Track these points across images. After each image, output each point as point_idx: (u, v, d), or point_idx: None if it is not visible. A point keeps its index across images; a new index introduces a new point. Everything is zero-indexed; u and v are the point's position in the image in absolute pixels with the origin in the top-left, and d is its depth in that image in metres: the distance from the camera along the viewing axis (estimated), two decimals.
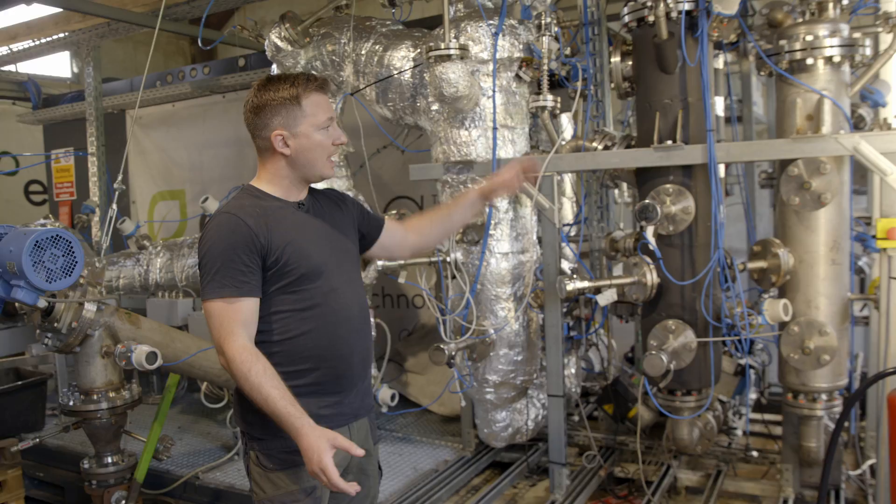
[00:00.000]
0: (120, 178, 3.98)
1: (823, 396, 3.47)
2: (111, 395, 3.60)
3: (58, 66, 12.19)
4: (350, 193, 4.56)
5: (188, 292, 4.58)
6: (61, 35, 6.14)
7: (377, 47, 4.23)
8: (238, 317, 2.08)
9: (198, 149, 6.72)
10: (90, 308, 3.47)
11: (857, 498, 3.82)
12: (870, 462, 3.86)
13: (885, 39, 3.66)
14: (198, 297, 4.55)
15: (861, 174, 3.97)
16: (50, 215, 5.39)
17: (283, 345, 2.19)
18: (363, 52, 4.23)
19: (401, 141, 4.71)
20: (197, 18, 5.45)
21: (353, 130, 4.42)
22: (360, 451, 2.03)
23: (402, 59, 4.18)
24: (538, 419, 4.47)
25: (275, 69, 4.48)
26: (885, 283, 3.12)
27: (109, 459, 3.69)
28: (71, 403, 3.59)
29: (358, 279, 2.41)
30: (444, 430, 4.95)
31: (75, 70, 12.42)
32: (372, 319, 3.72)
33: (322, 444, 1.95)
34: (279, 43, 4.28)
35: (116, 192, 3.97)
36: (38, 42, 6.24)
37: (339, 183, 4.55)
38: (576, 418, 4.67)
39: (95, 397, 3.57)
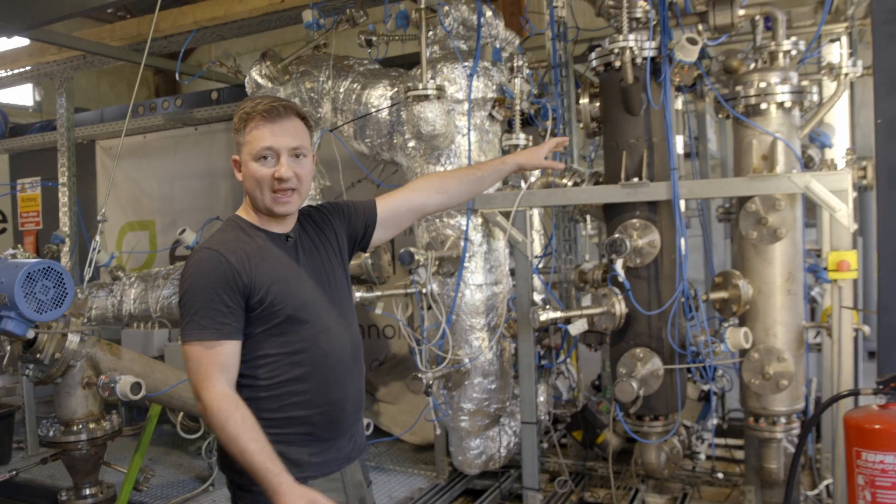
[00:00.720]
0: (104, 210, 4.04)
1: (782, 420, 3.67)
2: (91, 426, 3.63)
3: (20, 94, 12.13)
4: None
5: (163, 323, 4.63)
6: (32, 66, 6.17)
7: (355, 85, 4.38)
8: (217, 360, 1.98)
9: (169, 180, 6.78)
10: (73, 339, 3.51)
11: None
12: (826, 482, 4.07)
13: (830, 86, 3.96)
14: (174, 328, 4.60)
15: (810, 208, 4.23)
16: (20, 245, 5.38)
17: (271, 390, 2.07)
18: (341, 89, 4.39)
19: (376, 175, 4.85)
20: (172, 53, 5.55)
21: (332, 164, 4.55)
22: None
23: (379, 97, 4.34)
24: (510, 446, 4.59)
25: None
26: (836, 312, 3.33)
27: (88, 491, 3.72)
28: (51, 434, 3.60)
29: (351, 314, 2.29)
30: (417, 459, 5.04)
31: (38, 99, 12.37)
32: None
33: (305, 491, 1.88)
34: (259, 80, 4.41)
35: (101, 224, 4.02)
36: (10, 73, 6.26)
37: None
38: (545, 445, 4.80)
39: (75, 428, 3.60)
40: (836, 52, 4.08)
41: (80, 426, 3.60)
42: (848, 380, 3.32)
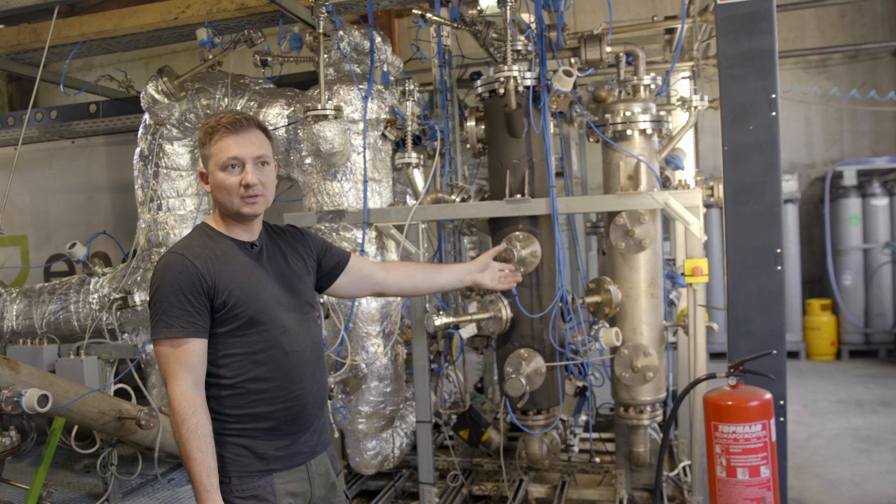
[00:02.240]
0: None
1: (648, 408, 4.15)
2: None
3: None
4: None
5: (52, 339, 4.54)
6: None
7: (252, 104, 4.53)
8: (184, 358, 2.11)
9: (43, 194, 6.54)
10: None
11: (675, 494, 4.53)
12: (683, 464, 4.62)
13: (680, 116, 4.54)
14: (63, 343, 4.53)
15: (665, 223, 4.79)
16: None
17: (236, 388, 2.21)
18: (239, 107, 4.51)
19: None
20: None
21: None
22: None
23: (276, 115, 4.51)
24: (402, 447, 4.85)
25: (147, 119, 4.64)
26: (692, 311, 3.84)
27: None
28: None
29: (312, 318, 2.43)
30: None
31: None
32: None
33: None
34: (155, 95, 4.46)
35: None
36: None
37: None
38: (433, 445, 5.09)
39: None
40: (684, 87, 4.70)
41: None
42: (702, 367, 3.82)
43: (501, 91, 4.06)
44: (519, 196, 4.07)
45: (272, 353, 2.24)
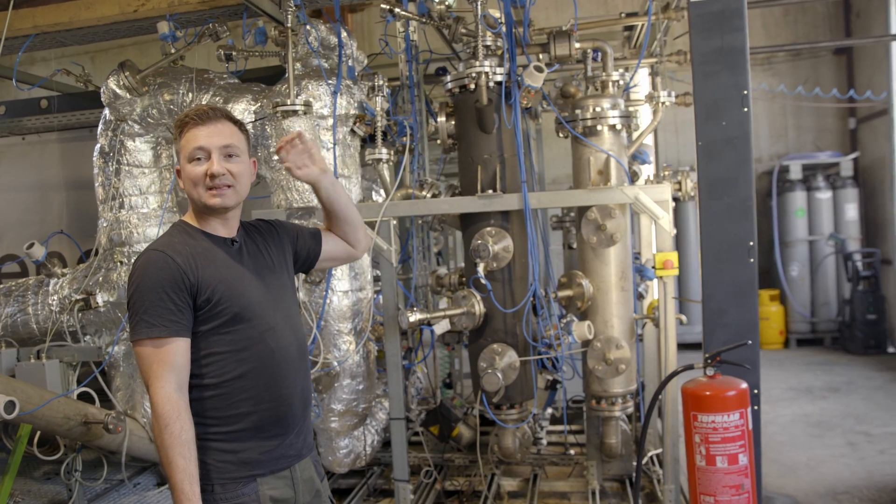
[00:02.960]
0: None
1: (620, 400, 4.22)
2: None
3: None
4: None
5: (10, 342, 4.38)
6: None
7: (217, 99, 4.43)
8: (167, 359, 2.03)
9: None
10: None
11: (644, 484, 4.62)
12: (651, 453, 4.72)
13: (644, 112, 4.61)
14: (21, 347, 4.37)
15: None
16: None
17: (219, 388, 2.13)
18: (203, 102, 4.41)
19: None
20: None
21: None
22: None
23: (242, 111, 4.42)
24: (374, 444, 4.83)
25: (107, 114, 4.50)
26: (663, 303, 3.91)
27: None
28: None
29: (296, 315, 2.38)
30: None
31: None
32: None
33: None
34: (117, 90, 4.33)
35: None
36: None
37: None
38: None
39: None
40: (644, 83, 4.78)
41: None
42: (673, 358, 3.90)
43: (472, 86, 4.08)
44: (491, 191, 4.09)
45: (257, 351, 2.17)
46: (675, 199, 4.38)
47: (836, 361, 8.98)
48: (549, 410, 5.53)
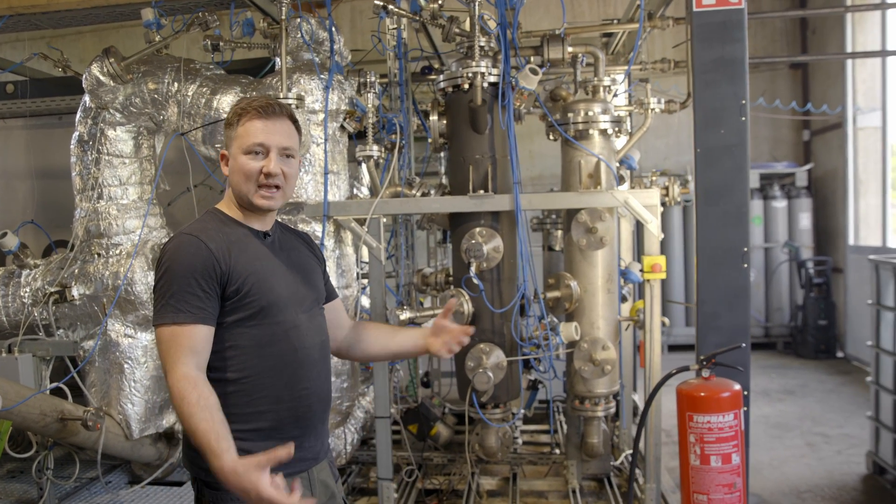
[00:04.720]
0: None
1: (603, 401, 4.28)
2: None
3: None
4: (163, 231, 4.55)
5: None
6: None
7: (204, 90, 4.34)
8: (188, 343, 1.98)
9: None
10: None
11: (621, 483, 4.70)
12: (626, 453, 4.81)
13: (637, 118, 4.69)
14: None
15: None
16: None
17: (239, 384, 2.09)
18: (189, 93, 4.31)
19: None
20: None
21: (170, 167, 4.49)
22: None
23: (230, 103, 4.34)
24: (354, 443, 4.80)
25: (87, 101, 4.36)
26: (649, 306, 3.98)
27: None
28: None
29: (321, 318, 2.33)
30: None
31: None
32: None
33: (248, 462, 1.82)
34: (101, 77, 4.20)
35: None
36: None
37: (151, 221, 4.49)
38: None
39: None
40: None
41: None
42: (658, 361, 3.97)
43: (466, 86, 4.09)
44: (482, 192, 4.10)
45: (281, 348, 2.14)
46: (662, 204, 4.46)
47: (790, 365, 9.27)
48: (521, 411, 5.60)
